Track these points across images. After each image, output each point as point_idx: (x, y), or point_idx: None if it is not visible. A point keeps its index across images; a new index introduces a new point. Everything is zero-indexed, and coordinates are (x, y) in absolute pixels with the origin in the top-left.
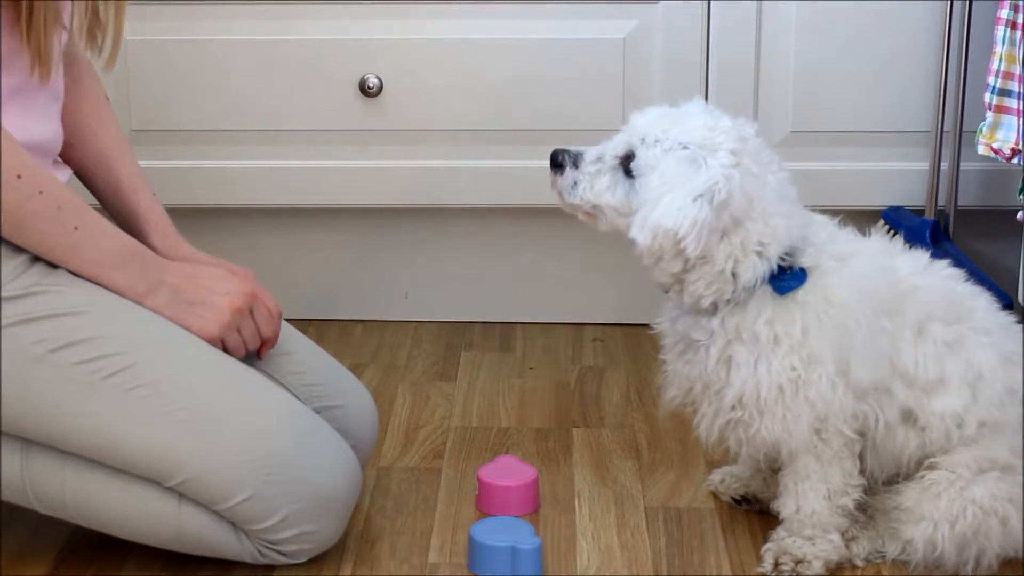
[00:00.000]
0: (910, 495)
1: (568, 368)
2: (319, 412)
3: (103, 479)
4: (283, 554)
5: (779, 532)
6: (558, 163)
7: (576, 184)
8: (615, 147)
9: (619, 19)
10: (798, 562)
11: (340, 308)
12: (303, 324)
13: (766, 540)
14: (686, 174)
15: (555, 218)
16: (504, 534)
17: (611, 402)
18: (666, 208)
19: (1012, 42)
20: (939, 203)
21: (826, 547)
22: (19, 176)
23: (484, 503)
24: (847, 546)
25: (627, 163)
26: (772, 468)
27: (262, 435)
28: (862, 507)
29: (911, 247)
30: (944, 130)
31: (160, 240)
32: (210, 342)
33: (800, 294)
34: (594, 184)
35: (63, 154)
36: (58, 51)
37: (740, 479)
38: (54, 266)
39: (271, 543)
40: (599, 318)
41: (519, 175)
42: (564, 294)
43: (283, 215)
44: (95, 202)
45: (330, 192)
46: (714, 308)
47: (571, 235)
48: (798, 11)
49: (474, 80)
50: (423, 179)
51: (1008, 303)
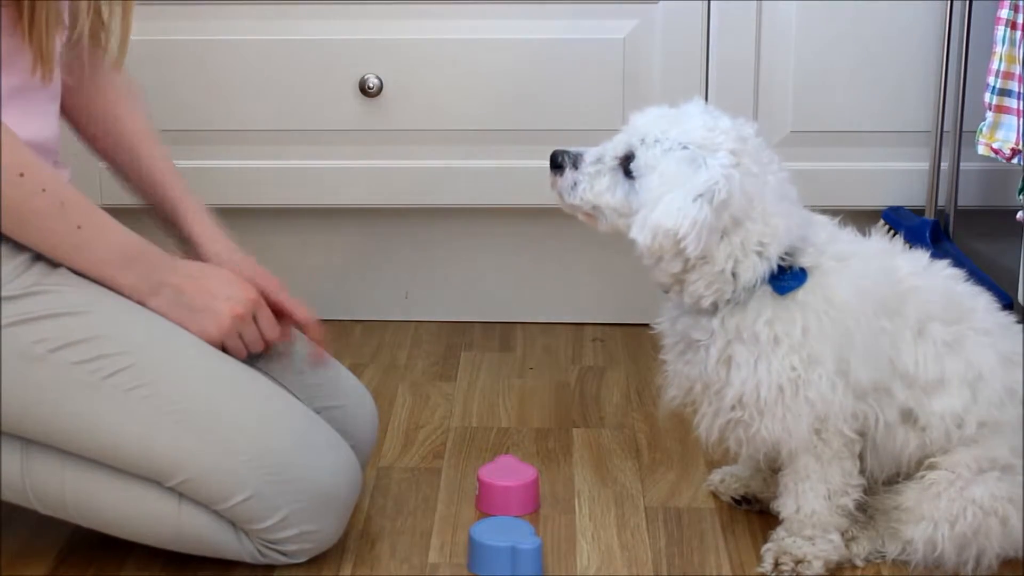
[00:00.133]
0: (910, 495)
1: (568, 368)
2: (319, 412)
3: (103, 479)
4: (283, 554)
5: (779, 532)
6: (558, 164)
7: (576, 185)
8: (615, 147)
9: (619, 19)
10: (798, 562)
11: (340, 308)
12: None
13: (766, 540)
14: (686, 174)
15: (555, 218)
16: (504, 534)
17: (611, 402)
18: (666, 208)
19: (1012, 42)
20: (939, 203)
21: (826, 547)
22: (22, 174)
23: (484, 503)
24: (847, 546)
25: (627, 163)
26: (772, 468)
27: (262, 435)
28: (862, 507)
29: (911, 247)
30: (944, 130)
31: (200, 230)
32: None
33: (800, 294)
34: (594, 185)
35: (96, 149)
36: (58, 51)
37: (740, 479)
38: (55, 266)
39: (271, 543)
40: (599, 318)
41: (519, 175)
42: (564, 294)
43: (283, 215)
44: (97, 201)
45: (330, 192)
46: (714, 308)
47: (571, 235)
48: (798, 11)
49: (474, 80)
50: (423, 179)
51: (1008, 303)
